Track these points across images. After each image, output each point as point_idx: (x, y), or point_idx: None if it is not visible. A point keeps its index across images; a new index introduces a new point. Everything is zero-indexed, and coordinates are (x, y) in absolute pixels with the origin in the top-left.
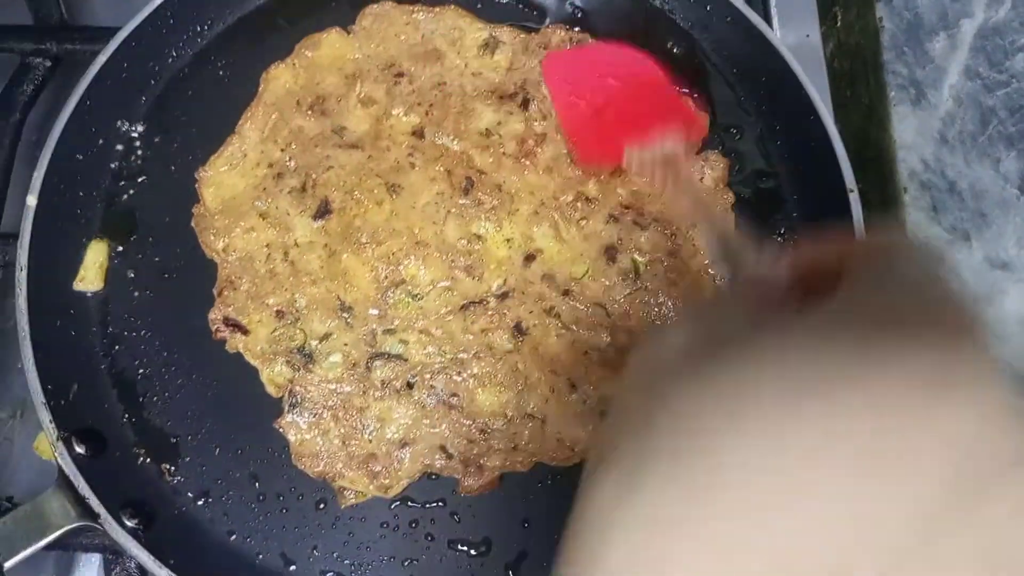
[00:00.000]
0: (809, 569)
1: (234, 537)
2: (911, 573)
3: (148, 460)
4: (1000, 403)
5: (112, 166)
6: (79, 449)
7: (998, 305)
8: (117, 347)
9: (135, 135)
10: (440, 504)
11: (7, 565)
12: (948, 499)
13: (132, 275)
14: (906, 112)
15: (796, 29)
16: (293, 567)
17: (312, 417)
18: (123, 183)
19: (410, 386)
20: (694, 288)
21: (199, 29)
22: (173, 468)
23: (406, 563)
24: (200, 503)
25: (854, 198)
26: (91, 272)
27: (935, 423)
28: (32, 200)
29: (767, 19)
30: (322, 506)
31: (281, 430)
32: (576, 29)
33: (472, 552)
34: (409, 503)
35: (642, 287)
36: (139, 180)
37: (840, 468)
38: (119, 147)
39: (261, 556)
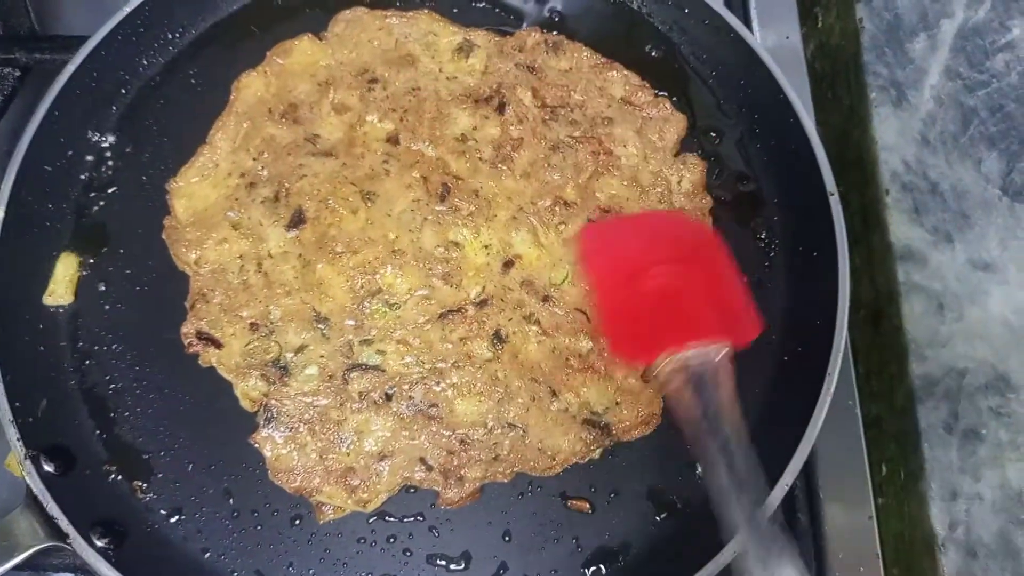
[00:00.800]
0: None
1: (208, 555)
2: None
3: (119, 478)
4: None
5: (82, 177)
6: (48, 467)
7: (981, 306)
8: (87, 362)
9: (106, 145)
10: (419, 518)
11: None
12: None
13: (103, 288)
14: (887, 113)
15: (776, 31)
16: None
17: (288, 431)
18: (93, 194)
19: (388, 397)
20: None
21: (170, 37)
22: (145, 485)
23: None
24: (173, 520)
25: (835, 201)
26: (61, 286)
27: None
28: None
29: (747, 21)
30: (298, 522)
31: (256, 445)
32: (554, 32)
33: (451, 567)
34: (387, 518)
35: None
36: (110, 191)
37: None
38: (89, 158)
39: (236, 574)
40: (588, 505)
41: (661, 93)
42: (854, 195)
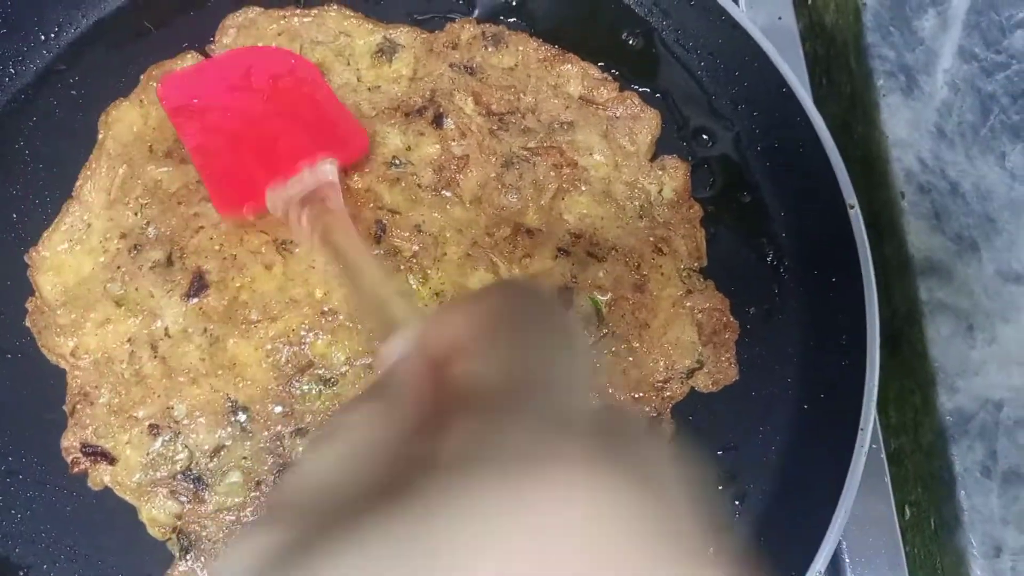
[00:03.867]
0: None
1: None
2: None
3: None
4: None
5: None
6: None
7: (1016, 325)
8: None
9: None
10: None
11: None
12: None
13: None
14: (897, 103)
15: (767, 10)
16: None
17: (214, 561)
18: None
19: None
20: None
21: (43, 37)
22: None
23: None
24: None
25: (855, 215)
26: None
27: None
28: None
29: None
30: None
31: None
32: (511, 19)
33: None
34: None
35: (608, 333)
36: None
37: None
38: None
39: None
40: None
41: (632, 87)
42: (860, 200)
